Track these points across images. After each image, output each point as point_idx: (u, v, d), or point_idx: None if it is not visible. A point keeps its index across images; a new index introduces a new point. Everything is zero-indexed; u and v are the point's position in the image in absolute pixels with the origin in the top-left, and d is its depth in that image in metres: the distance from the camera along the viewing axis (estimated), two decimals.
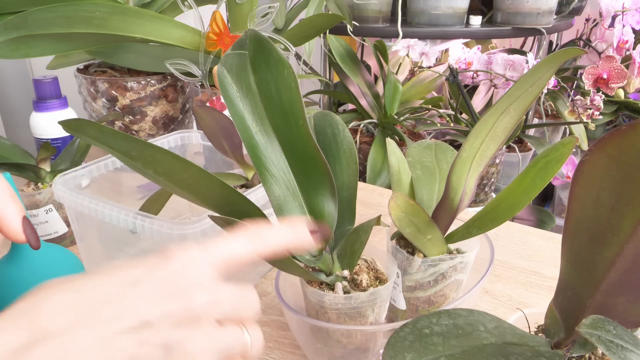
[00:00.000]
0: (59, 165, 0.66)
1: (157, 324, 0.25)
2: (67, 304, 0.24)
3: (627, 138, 0.24)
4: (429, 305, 0.46)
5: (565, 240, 0.29)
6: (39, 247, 0.34)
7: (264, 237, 0.31)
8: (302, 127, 0.36)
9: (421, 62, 1.29)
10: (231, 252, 0.29)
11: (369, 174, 1.08)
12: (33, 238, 0.34)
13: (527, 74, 0.37)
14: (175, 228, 0.46)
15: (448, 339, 0.29)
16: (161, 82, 0.87)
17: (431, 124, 1.16)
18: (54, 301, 0.24)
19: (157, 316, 0.25)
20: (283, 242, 0.31)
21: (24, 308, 0.24)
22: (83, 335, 0.23)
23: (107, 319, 0.24)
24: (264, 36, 0.36)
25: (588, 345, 0.32)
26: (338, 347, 0.42)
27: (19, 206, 0.33)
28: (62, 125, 0.33)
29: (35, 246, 0.34)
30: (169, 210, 0.60)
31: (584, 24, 1.36)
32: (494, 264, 0.48)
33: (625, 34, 1.12)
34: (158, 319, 0.25)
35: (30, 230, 0.33)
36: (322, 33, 1.13)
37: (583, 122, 1.02)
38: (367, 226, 0.40)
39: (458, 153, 0.40)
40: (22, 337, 0.23)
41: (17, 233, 0.33)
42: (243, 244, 0.30)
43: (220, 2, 0.77)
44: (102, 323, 0.24)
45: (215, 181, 0.33)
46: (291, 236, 0.32)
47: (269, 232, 0.31)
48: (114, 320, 0.24)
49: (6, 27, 0.71)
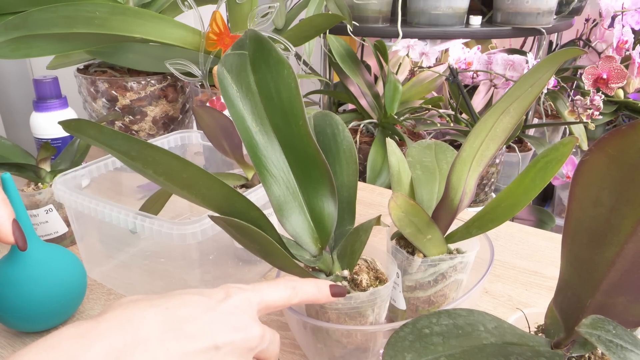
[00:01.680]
0: (59, 165, 0.66)
1: (222, 348, 0.29)
2: (159, 318, 0.28)
3: (627, 138, 0.24)
4: (429, 305, 0.46)
5: (565, 240, 0.29)
6: (25, 248, 0.37)
7: (299, 291, 0.35)
8: (302, 127, 0.36)
9: (421, 62, 1.29)
10: (275, 299, 0.34)
11: (369, 174, 1.08)
12: (21, 240, 0.36)
13: (527, 74, 0.37)
14: (175, 228, 0.46)
15: (448, 339, 0.29)
16: (161, 82, 0.87)
17: (431, 124, 1.16)
18: (149, 313, 0.28)
19: (225, 342, 0.30)
20: (310, 297, 0.36)
21: (121, 317, 0.28)
22: (171, 346, 0.28)
23: (190, 335, 0.28)
24: (264, 36, 0.36)
25: (588, 345, 0.32)
26: (338, 347, 0.42)
27: (9, 209, 0.36)
28: (62, 126, 0.33)
29: (22, 248, 0.36)
30: (169, 210, 0.60)
31: (583, 24, 1.36)
32: (494, 264, 0.49)
33: (624, 34, 1.12)
34: (224, 344, 0.30)
35: (18, 233, 0.36)
36: (322, 33, 1.13)
37: (583, 122, 1.02)
38: (367, 226, 0.40)
39: (458, 153, 0.40)
40: (126, 339, 0.27)
41: (7, 235, 0.36)
42: (284, 294, 0.35)
43: (220, 2, 0.77)
44: (185, 338, 0.28)
45: (215, 181, 0.33)
46: (316, 293, 0.36)
47: (302, 287, 0.36)
48: (194, 338, 0.29)
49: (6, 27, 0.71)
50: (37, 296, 0.47)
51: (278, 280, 0.35)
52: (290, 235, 0.38)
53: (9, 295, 0.46)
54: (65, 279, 0.49)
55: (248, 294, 0.33)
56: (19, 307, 0.46)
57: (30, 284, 0.47)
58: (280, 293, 0.35)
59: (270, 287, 0.34)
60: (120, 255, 0.61)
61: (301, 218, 0.38)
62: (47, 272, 0.48)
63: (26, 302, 0.46)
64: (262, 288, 0.34)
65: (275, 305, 0.34)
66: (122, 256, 0.61)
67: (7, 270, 0.47)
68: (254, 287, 0.34)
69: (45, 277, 0.47)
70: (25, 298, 0.46)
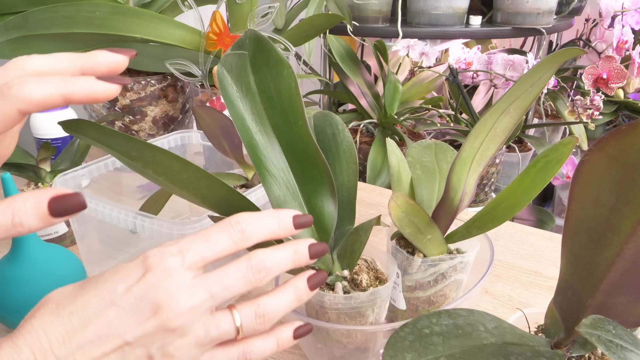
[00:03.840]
0: (59, 165, 0.66)
1: (136, 342, 0.27)
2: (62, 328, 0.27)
3: (627, 138, 0.24)
4: (429, 305, 0.46)
5: (565, 240, 0.29)
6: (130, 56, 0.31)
7: (251, 233, 0.30)
8: (302, 127, 0.36)
9: (421, 62, 1.29)
10: (211, 252, 0.30)
11: (369, 174, 1.08)
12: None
13: (527, 74, 0.37)
14: (175, 228, 0.46)
15: (448, 339, 0.29)
16: (161, 82, 0.87)
17: (431, 124, 1.16)
18: (54, 324, 0.27)
19: (135, 336, 0.27)
20: (268, 235, 0.31)
21: (28, 329, 0.27)
22: (78, 356, 0.27)
23: (95, 339, 0.27)
24: (264, 36, 0.36)
25: (588, 345, 0.32)
26: (338, 347, 0.42)
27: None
28: (62, 126, 0.33)
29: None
30: (169, 210, 0.60)
31: (583, 24, 1.36)
32: (494, 264, 0.48)
33: (624, 34, 1.12)
34: (136, 338, 0.27)
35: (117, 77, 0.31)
36: (322, 33, 1.13)
37: (583, 122, 1.02)
38: (367, 226, 0.40)
39: (458, 153, 0.40)
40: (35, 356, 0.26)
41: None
42: (224, 242, 0.30)
43: (220, 2, 0.77)
44: (90, 344, 0.27)
45: (215, 181, 0.33)
46: (276, 228, 0.31)
47: (255, 225, 0.31)
48: (100, 340, 0.27)
49: (6, 27, 0.71)
50: (37, 296, 0.47)
51: (220, 224, 0.30)
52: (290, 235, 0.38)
53: (9, 295, 0.46)
54: (65, 279, 0.49)
55: (172, 262, 0.29)
56: (19, 307, 0.46)
57: (30, 284, 0.47)
58: (222, 243, 0.30)
59: (206, 237, 0.30)
60: (120, 255, 0.61)
61: None
62: (47, 272, 0.48)
63: (26, 302, 0.46)
64: (195, 242, 0.29)
65: (219, 257, 0.30)
66: (122, 256, 0.61)
67: (7, 270, 0.47)
68: (185, 244, 0.29)
69: (45, 277, 0.47)
70: (25, 298, 0.46)
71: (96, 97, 0.29)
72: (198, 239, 0.30)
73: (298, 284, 0.33)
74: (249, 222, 0.31)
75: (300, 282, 0.33)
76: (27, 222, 0.26)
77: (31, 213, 0.26)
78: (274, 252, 0.31)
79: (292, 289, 0.33)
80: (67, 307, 0.28)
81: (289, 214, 0.32)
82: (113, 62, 0.31)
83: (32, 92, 0.27)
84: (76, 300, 0.28)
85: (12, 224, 0.26)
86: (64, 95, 0.28)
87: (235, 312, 0.31)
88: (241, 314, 0.31)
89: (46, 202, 0.26)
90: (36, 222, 0.26)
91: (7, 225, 0.26)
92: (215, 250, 0.30)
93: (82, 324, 0.27)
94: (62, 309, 0.28)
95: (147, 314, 0.28)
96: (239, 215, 0.31)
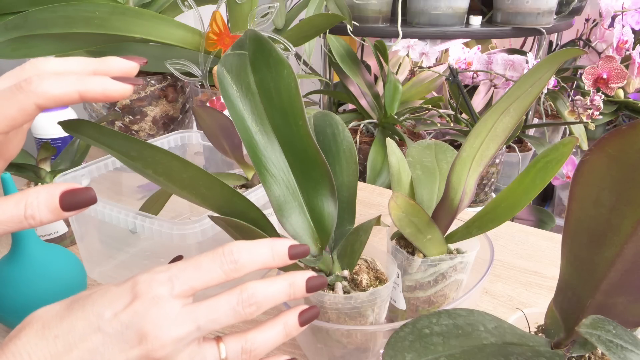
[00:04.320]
0: (59, 165, 0.66)
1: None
2: (46, 351, 0.27)
3: (627, 138, 0.24)
4: (429, 305, 0.46)
5: (565, 240, 0.29)
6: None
7: (243, 264, 0.30)
8: (302, 127, 0.36)
9: (421, 62, 1.29)
10: (201, 282, 0.29)
11: (369, 174, 1.08)
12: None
13: (527, 74, 0.37)
14: (175, 228, 0.46)
15: (448, 339, 0.29)
16: (161, 82, 0.87)
17: (431, 124, 1.16)
18: (38, 347, 0.27)
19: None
20: (261, 265, 0.31)
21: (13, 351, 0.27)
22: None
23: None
24: (264, 36, 0.36)
25: (588, 345, 0.32)
26: (338, 347, 0.42)
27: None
28: (62, 126, 0.33)
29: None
30: (169, 210, 0.60)
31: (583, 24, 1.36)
32: (494, 264, 0.48)
33: (624, 34, 1.12)
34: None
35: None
36: (322, 33, 1.13)
37: (583, 122, 1.02)
38: (367, 226, 0.40)
39: (458, 153, 0.40)
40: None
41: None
42: (215, 272, 0.30)
43: (220, 2, 0.77)
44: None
45: (215, 181, 0.33)
46: (269, 257, 0.31)
47: (246, 255, 0.30)
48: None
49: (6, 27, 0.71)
50: (37, 296, 0.47)
51: (213, 253, 0.30)
52: (290, 235, 0.38)
53: (9, 295, 0.46)
54: (65, 279, 0.49)
55: (161, 290, 0.28)
56: (19, 307, 0.46)
57: (30, 284, 0.47)
58: (212, 273, 0.30)
59: (197, 266, 0.29)
60: (120, 255, 0.61)
61: (301, 218, 0.38)
62: (47, 272, 0.48)
63: (26, 302, 0.46)
64: (186, 271, 0.29)
65: (209, 286, 0.30)
66: (122, 256, 0.61)
67: (7, 270, 0.47)
68: (175, 272, 0.29)
69: (45, 277, 0.47)
70: (25, 298, 0.46)
71: (110, 95, 0.30)
72: (189, 267, 0.30)
73: (289, 319, 0.32)
74: (242, 252, 0.30)
75: (291, 317, 0.32)
76: (39, 214, 0.27)
77: (43, 206, 0.27)
78: (268, 285, 0.31)
79: (281, 324, 0.32)
80: (53, 329, 0.27)
81: (285, 244, 0.32)
82: (125, 67, 0.32)
83: (50, 88, 0.28)
84: (62, 322, 0.28)
85: (25, 216, 0.26)
86: (80, 92, 0.29)
87: (221, 344, 0.31)
88: (227, 347, 0.31)
89: (58, 196, 0.27)
90: (48, 215, 0.27)
91: (19, 217, 0.26)
92: (206, 280, 0.29)
93: (67, 348, 0.27)
94: (48, 331, 0.27)
95: (132, 342, 0.27)
96: (232, 245, 0.30)
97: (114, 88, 0.30)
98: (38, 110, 0.28)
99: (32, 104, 0.28)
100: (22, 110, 0.28)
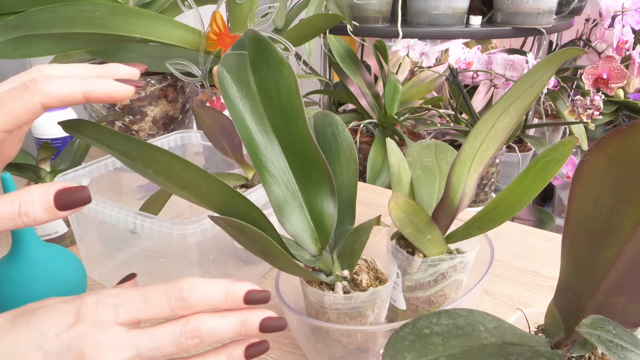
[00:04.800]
0: (59, 165, 0.66)
1: None
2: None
3: (627, 138, 0.24)
4: (429, 305, 0.46)
5: (565, 240, 0.29)
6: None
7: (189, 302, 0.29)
8: (302, 127, 0.36)
9: (421, 62, 1.29)
10: (146, 314, 0.29)
11: (369, 174, 1.08)
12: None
13: (527, 74, 0.37)
14: (175, 228, 0.46)
15: (448, 339, 0.29)
16: (161, 82, 0.87)
17: (431, 124, 1.16)
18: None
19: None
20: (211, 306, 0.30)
21: None
22: None
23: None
24: (264, 36, 0.36)
25: (588, 345, 0.32)
26: (338, 347, 0.42)
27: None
28: (62, 126, 0.33)
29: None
30: (169, 210, 0.60)
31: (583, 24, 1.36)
32: (494, 264, 0.49)
33: (625, 34, 1.12)
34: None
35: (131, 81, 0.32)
36: (322, 33, 1.13)
37: (583, 122, 1.02)
38: (367, 226, 0.40)
39: (458, 153, 0.40)
40: None
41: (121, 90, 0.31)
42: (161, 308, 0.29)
43: (220, 2, 0.77)
44: None
45: (215, 181, 0.33)
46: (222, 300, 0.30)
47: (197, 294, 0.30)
48: None
49: (6, 27, 0.71)
50: (37, 296, 0.47)
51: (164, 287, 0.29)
52: (290, 235, 0.38)
53: (9, 295, 0.46)
54: (65, 279, 0.49)
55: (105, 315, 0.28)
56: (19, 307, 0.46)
57: (30, 284, 0.47)
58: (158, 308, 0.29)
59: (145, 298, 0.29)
60: (120, 255, 0.61)
61: (301, 218, 0.38)
62: (47, 272, 0.48)
63: (26, 302, 0.46)
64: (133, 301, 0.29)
65: (153, 319, 0.29)
66: (122, 256, 0.61)
67: (7, 270, 0.47)
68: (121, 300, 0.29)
69: (45, 277, 0.47)
70: (25, 298, 0.46)
71: (114, 96, 0.31)
72: (137, 297, 0.29)
73: (234, 351, 0.31)
74: (193, 290, 0.30)
75: (237, 350, 0.31)
76: (32, 212, 0.27)
77: (38, 204, 0.27)
78: (216, 320, 0.30)
79: (225, 355, 0.31)
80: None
81: (243, 289, 0.31)
82: (126, 73, 0.33)
83: (56, 87, 0.29)
84: (4, 336, 0.28)
85: (19, 214, 0.26)
86: (85, 93, 0.30)
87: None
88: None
89: (53, 194, 0.27)
90: (42, 213, 0.27)
91: (13, 215, 0.26)
92: (151, 313, 0.29)
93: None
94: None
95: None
96: (185, 282, 0.30)
97: (117, 89, 0.31)
98: (43, 109, 0.29)
99: (38, 102, 0.28)
100: (27, 109, 0.28)
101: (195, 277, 0.30)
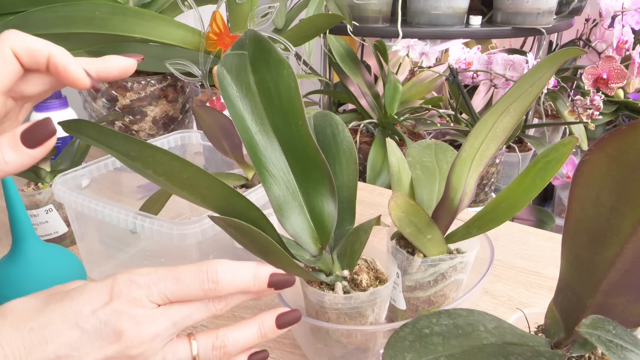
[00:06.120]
0: (59, 165, 0.66)
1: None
2: (21, 343, 0.27)
3: (627, 138, 0.24)
4: (429, 305, 0.46)
5: (565, 240, 0.29)
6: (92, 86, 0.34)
7: (221, 284, 0.30)
8: (302, 127, 0.36)
9: (421, 62, 1.29)
10: (178, 294, 0.30)
11: (369, 174, 1.08)
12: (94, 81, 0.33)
13: (527, 74, 0.37)
14: (175, 228, 0.46)
15: (448, 339, 0.29)
16: (161, 82, 0.87)
17: (431, 124, 1.16)
18: (12, 338, 0.27)
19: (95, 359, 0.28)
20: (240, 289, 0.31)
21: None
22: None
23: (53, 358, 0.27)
24: (264, 36, 0.36)
25: (588, 345, 0.32)
26: (338, 347, 0.42)
27: None
28: (62, 126, 0.33)
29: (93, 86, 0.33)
30: (169, 210, 0.60)
31: (583, 24, 1.36)
32: (494, 264, 0.48)
33: (624, 34, 1.12)
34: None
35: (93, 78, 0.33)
36: (322, 33, 1.13)
37: (583, 122, 1.02)
38: (367, 226, 0.40)
39: (458, 153, 0.40)
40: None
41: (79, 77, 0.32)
42: (194, 289, 0.30)
43: (220, 2, 0.77)
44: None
45: (215, 181, 0.33)
46: (250, 282, 0.31)
47: (228, 277, 0.31)
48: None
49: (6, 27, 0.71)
50: None
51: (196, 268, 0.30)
52: (290, 235, 0.38)
53: (9, 295, 0.46)
54: (65, 279, 0.49)
55: (139, 293, 0.29)
56: None
57: (30, 284, 0.47)
58: (191, 288, 0.30)
59: (177, 278, 0.30)
60: (120, 255, 0.61)
61: (301, 218, 0.38)
62: (47, 272, 0.48)
63: None
64: (165, 281, 0.30)
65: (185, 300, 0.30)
66: (122, 256, 0.61)
67: (7, 270, 0.47)
68: (154, 280, 0.30)
69: (45, 277, 0.47)
70: None
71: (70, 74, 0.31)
72: (169, 278, 0.30)
73: (265, 320, 0.33)
74: (225, 273, 0.31)
75: (267, 319, 0.33)
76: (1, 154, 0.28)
77: (6, 147, 0.28)
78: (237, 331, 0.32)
79: (257, 324, 0.32)
80: (29, 321, 0.28)
81: (268, 271, 0.32)
82: (124, 63, 0.34)
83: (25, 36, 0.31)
84: (39, 315, 0.28)
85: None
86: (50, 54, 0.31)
87: (193, 341, 0.31)
88: (199, 343, 0.31)
89: (19, 134, 0.28)
90: (11, 153, 0.28)
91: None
92: (183, 294, 0.30)
93: (42, 341, 0.27)
94: (23, 323, 0.28)
95: (110, 339, 0.28)
96: (217, 264, 0.31)
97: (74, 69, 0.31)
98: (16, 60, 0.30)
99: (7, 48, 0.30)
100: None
101: (223, 260, 0.32)
